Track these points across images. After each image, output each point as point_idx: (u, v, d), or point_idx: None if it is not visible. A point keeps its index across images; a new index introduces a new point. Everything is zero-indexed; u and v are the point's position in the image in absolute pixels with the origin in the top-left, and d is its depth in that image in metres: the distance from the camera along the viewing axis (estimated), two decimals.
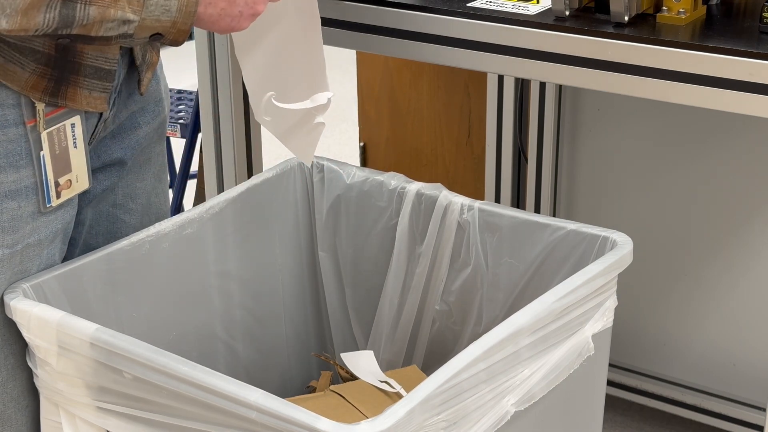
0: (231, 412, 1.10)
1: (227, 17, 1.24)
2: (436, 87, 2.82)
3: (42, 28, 1.13)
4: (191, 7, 1.20)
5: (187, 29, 1.22)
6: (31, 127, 1.25)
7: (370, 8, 1.64)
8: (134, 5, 1.17)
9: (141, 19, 1.17)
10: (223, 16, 1.24)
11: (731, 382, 2.31)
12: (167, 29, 1.20)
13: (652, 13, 1.53)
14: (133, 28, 1.18)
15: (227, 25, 1.25)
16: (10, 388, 1.31)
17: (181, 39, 1.23)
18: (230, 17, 1.24)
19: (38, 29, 1.13)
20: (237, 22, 1.25)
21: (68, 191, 1.31)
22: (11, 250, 1.27)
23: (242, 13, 1.25)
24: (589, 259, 1.40)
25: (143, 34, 1.19)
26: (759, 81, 1.39)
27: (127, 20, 1.17)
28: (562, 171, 2.43)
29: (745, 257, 2.23)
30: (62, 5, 1.12)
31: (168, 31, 1.21)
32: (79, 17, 1.14)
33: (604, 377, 1.44)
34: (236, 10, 1.24)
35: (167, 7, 1.18)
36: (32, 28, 1.13)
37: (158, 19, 1.19)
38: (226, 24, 1.25)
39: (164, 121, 1.51)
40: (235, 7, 1.24)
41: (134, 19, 1.17)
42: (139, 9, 1.17)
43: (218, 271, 1.53)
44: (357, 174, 1.59)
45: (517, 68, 1.57)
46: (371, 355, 1.52)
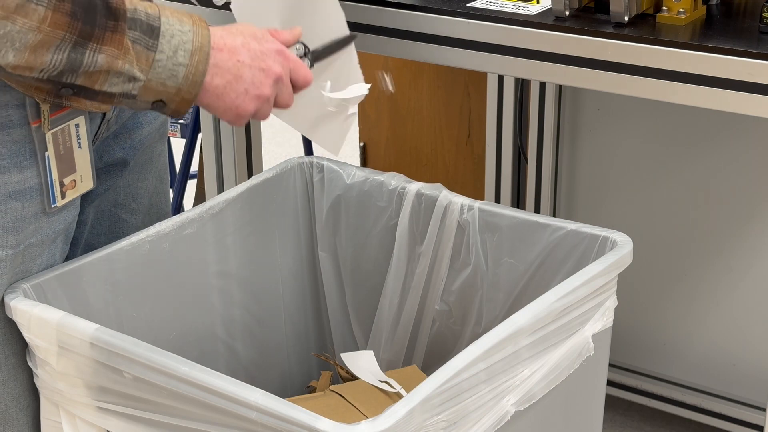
0: (231, 412, 1.11)
1: (232, 92, 1.23)
2: (436, 87, 2.82)
3: (48, 68, 1.12)
4: (198, 77, 1.19)
5: (191, 100, 1.21)
6: (36, 127, 1.25)
7: (370, 8, 1.64)
8: (142, 63, 1.16)
9: (147, 80, 1.17)
10: (228, 91, 1.23)
11: (731, 382, 2.31)
12: (171, 96, 1.19)
13: (652, 13, 1.53)
14: (138, 88, 1.17)
15: (232, 102, 1.24)
16: (11, 387, 1.31)
17: (182, 110, 1.21)
18: (235, 93, 1.23)
19: (44, 69, 1.12)
20: (242, 100, 1.24)
21: (73, 191, 1.31)
22: (14, 251, 1.27)
23: (248, 91, 1.24)
24: (589, 259, 1.40)
25: (146, 97, 1.18)
26: (759, 81, 1.39)
27: (133, 77, 1.16)
28: (562, 171, 2.43)
29: (745, 257, 2.23)
30: (72, 48, 1.11)
31: (171, 98, 1.20)
32: (87, 62, 1.13)
33: (604, 377, 1.44)
34: (242, 87, 1.23)
35: (175, 72, 1.18)
36: (38, 67, 1.12)
37: (164, 83, 1.18)
38: (231, 100, 1.24)
39: (166, 121, 1.51)
40: (241, 83, 1.23)
41: (141, 77, 1.16)
42: (146, 68, 1.16)
43: (218, 271, 1.53)
44: (357, 174, 1.59)
45: (517, 68, 1.57)
46: (371, 355, 1.52)
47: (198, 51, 1.19)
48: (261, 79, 1.25)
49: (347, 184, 1.59)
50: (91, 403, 1.24)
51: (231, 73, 1.22)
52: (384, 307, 1.61)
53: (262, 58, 1.25)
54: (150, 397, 1.18)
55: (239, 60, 1.23)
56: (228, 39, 1.23)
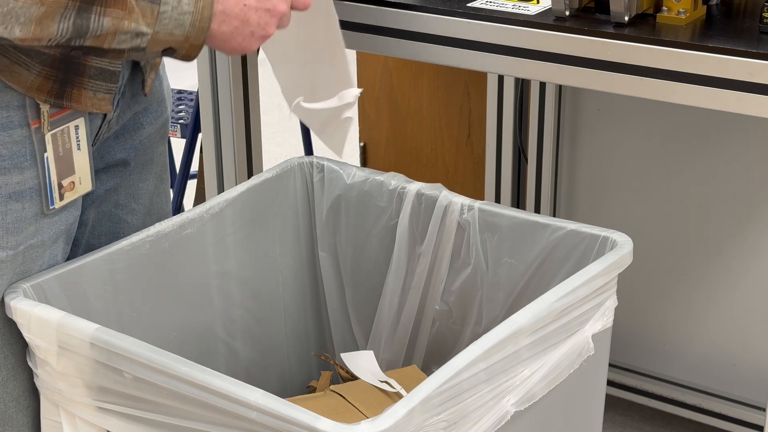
0: (231, 412, 1.11)
1: (239, 36, 1.24)
2: (436, 87, 2.82)
3: (55, 37, 1.13)
4: (205, 22, 1.20)
5: (200, 45, 1.22)
6: (36, 128, 1.25)
7: (370, 8, 1.64)
8: (148, 18, 1.16)
9: (154, 33, 1.17)
10: (235, 35, 1.24)
11: (731, 382, 2.31)
12: (180, 44, 1.20)
13: (652, 13, 1.53)
14: (146, 41, 1.18)
15: (238, 45, 1.25)
16: (11, 387, 1.31)
17: (193, 54, 1.23)
18: (242, 36, 1.25)
19: (51, 39, 1.13)
20: (248, 42, 1.26)
21: (71, 193, 1.31)
22: (14, 252, 1.27)
23: (253, 33, 1.25)
24: (589, 259, 1.40)
25: (156, 47, 1.19)
26: (759, 81, 1.39)
27: (140, 33, 1.16)
28: (562, 171, 2.43)
29: (745, 257, 2.23)
30: (76, 15, 1.12)
31: (181, 45, 1.21)
32: (93, 28, 1.14)
33: (604, 377, 1.44)
34: (248, 30, 1.25)
35: (181, 21, 1.18)
36: (45, 38, 1.13)
37: (171, 33, 1.19)
38: (237, 43, 1.25)
39: (166, 121, 1.51)
40: (247, 27, 1.24)
41: (147, 32, 1.17)
42: (152, 22, 1.17)
43: (218, 271, 1.53)
44: (357, 174, 1.59)
45: (517, 68, 1.57)
46: (371, 355, 1.52)
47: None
48: (266, 20, 1.26)
49: (347, 184, 1.59)
50: (91, 403, 1.24)
51: (238, 19, 1.23)
52: (384, 307, 1.61)
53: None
54: (150, 397, 1.18)
55: (245, 4, 1.24)
56: None
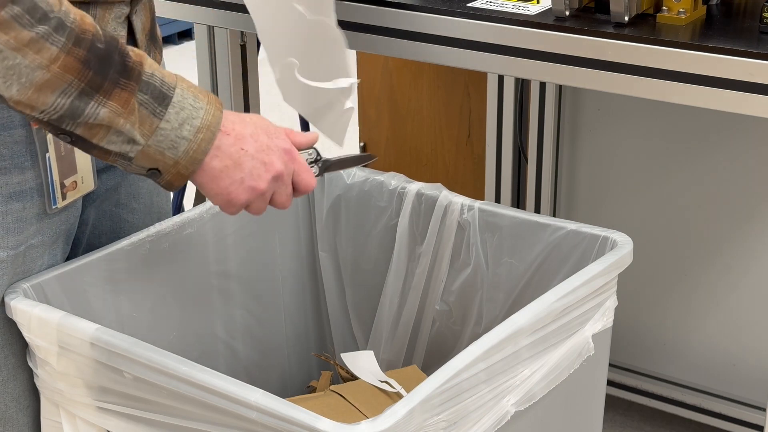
0: (231, 412, 1.11)
1: (227, 178, 1.21)
2: (436, 87, 2.82)
3: (48, 111, 1.10)
4: (199, 155, 1.17)
5: (187, 175, 1.19)
6: (37, 128, 1.25)
7: (370, 8, 1.64)
8: (145, 128, 1.14)
9: (146, 145, 1.15)
10: (224, 176, 1.20)
11: (731, 382, 2.31)
12: (167, 168, 1.17)
13: (652, 13, 1.53)
14: (135, 151, 1.15)
15: (224, 189, 1.21)
16: (11, 387, 1.31)
17: (176, 184, 1.19)
18: (230, 179, 1.21)
19: (45, 111, 1.10)
20: (235, 188, 1.22)
21: (74, 192, 1.31)
22: (15, 252, 1.27)
23: (243, 180, 1.21)
24: (589, 259, 1.40)
25: (142, 162, 1.16)
26: (759, 81, 1.39)
27: (132, 139, 1.14)
28: (562, 171, 2.43)
29: (744, 257, 2.23)
30: (77, 96, 1.10)
31: (168, 170, 1.18)
32: (88, 113, 1.11)
33: (604, 377, 1.44)
34: (239, 175, 1.21)
35: (176, 144, 1.16)
36: (39, 107, 1.10)
37: (162, 152, 1.16)
38: (224, 187, 1.21)
39: None
40: (239, 171, 1.21)
41: (140, 141, 1.14)
42: (148, 134, 1.14)
43: (218, 271, 1.53)
44: (357, 174, 1.59)
45: (517, 68, 1.57)
46: (371, 355, 1.52)
47: (205, 129, 1.17)
48: (260, 173, 1.22)
49: (347, 184, 1.59)
50: (91, 403, 1.24)
51: (231, 159, 1.20)
52: (384, 307, 1.61)
53: (266, 152, 1.22)
54: (150, 397, 1.18)
55: (243, 148, 1.20)
56: (238, 126, 1.21)
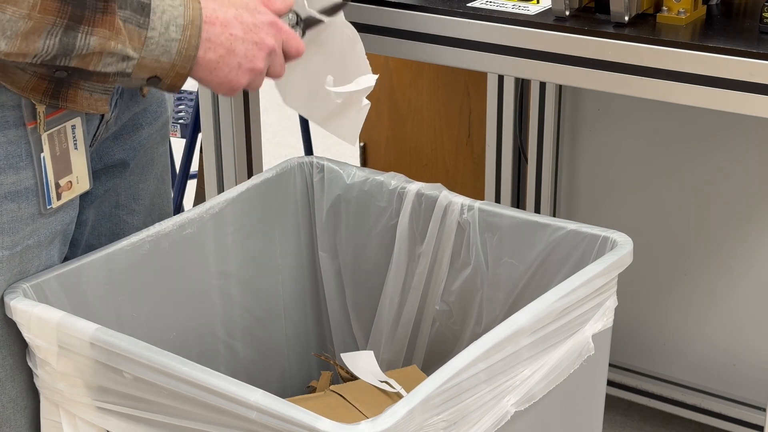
0: (231, 412, 1.11)
1: (225, 66, 1.23)
2: (436, 87, 2.82)
3: (41, 54, 1.12)
4: (191, 51, 1.19)
5: (186, 74, 1.21)
6: (32, 128, 1.25)
7: (370, 8, 1.64)
8: (135, 42, 1.16)
9: (140, 58, 1.17)
10: (221, 65, 1.23)
11: (731, 382, 2.31)
12: (166, 72, 1.20)
13: (652, 13, 1.53)
14: (132, 66, 1.17)
15: (224, 77, 1.24)
16: (9, 388, 1.31)
17: (178, 84, 1.22)
18: (228, 67, 1.23)
19: (37, 55, 1.12)
20: (234, 74, 1.24)
21: (69, 193, 1.31)
22: (11, 252, 1.27)
23: (240, 65, 1.24)
24: (589, 259, 1.40)
25: (141, 74, 1.19)
26: (759, 81, 1.39)
27: (126, 56, 1.16)
28: (562, 171, 2.43)
29: (745, 257, 2.23)
30: (63, 33, 1.12)
31: (166, 74, 1.20)
32: (79, 46, 1.13)
33: (604, 377, 1.44)
34: (235, 60, 1.23)
35: (167, 48, 1.18)
36: (31, 53, 1.12)
37: (158, 59, 1.18)
38: (224, 75, 1.24)
39: (167, 122, 1.51)
40: (234, 57, 1.23)
41: (134, 56, 1.16)
42: (139, 47, 1.16)
43: (218, 271, 1.53)
44: (357, 174, 1.59)
45: (517, 68, 1.57)
46: (371, 355, 1.52)
47: (190, 25, 1.19)
48: (254, 53, 1.25)
49: (347, 184, 1.59)
50: (91, 403, 1.24)
51: (224, 48, 1.22)
52: (384, 307, 1.61)
53: (255, 31, 1.25)
54: (150, 397, 1.18)
55: (232, 33, 1.23)
56: (220, 12, 1.23)
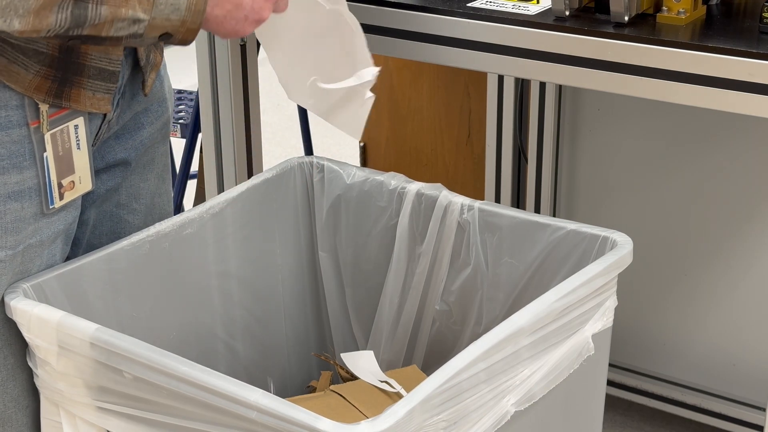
0: (231, 412, 1.11)
1: (232, 20, 1.25)
2: (436, 87, 2.82)
3: (54, 28, 1.13)
4: (200, 5, 1.21)
5: (197, 28, 1.22)
6: (35, 128, 1.25)
7: (370, 8, 1.64)
8: (144, 4, 1.17)
9: (151, 18, 1.18)
10: (228, 19, 1.25)
11: (731, 382, 2.31)
12: (177, 28, 1.21)
13: (652, 13, 1.53)
14: (143, 27, 1.18)
15: (231, 29, 1.26)
16: (11, 387, 1.31)
17: (190, 38, 1.23)
18: (235, 20, 1.25)
19: (50, 30, 1.14)
20: (241, 25, 1.26)
21: (71, 192, 1.31)
22: (13, 251, 1.27)
23: (247, 17, 1.26)
24: (589, 259, 1.40)
25: (153, 33, 1.20)
26: (759, 81, 1.39)
27: (137, 19, 1.17)
28: (562, 171, 2.43)
29: (745, 257, 2.23)
30: (74, 5, 1.13)
31: (177, 30, 1.21)
32: (90, 17, 1.14)
33: (604, 377, 1.44)
34: (242, 13, 1.25)
35: (177, 6, 1.19)
36: (44, 29, 1.13)
37: (168, 18, 1.19)
38: (231, 27, 1.26)
39: (168, 121, 1.51)
40: (240, 10, 1.25)
41: (144, 18, 1.18)
42: (149, 8, 1.17)
43: (218, 271, 1.53)
44: (357, 174, 1.59)
45: (517, 68, 1.57)
46: (371, 355, 1.52)
47: None
48: (260, 4, 1.27)
49: (347, 184, 1.59)
50: (91, 403, 1.24)
51: (231, 3, 1.24)
52: (384, 307, 1.61)
53: None
54: (150, 397, 1.18)
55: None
56: None
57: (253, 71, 1.96)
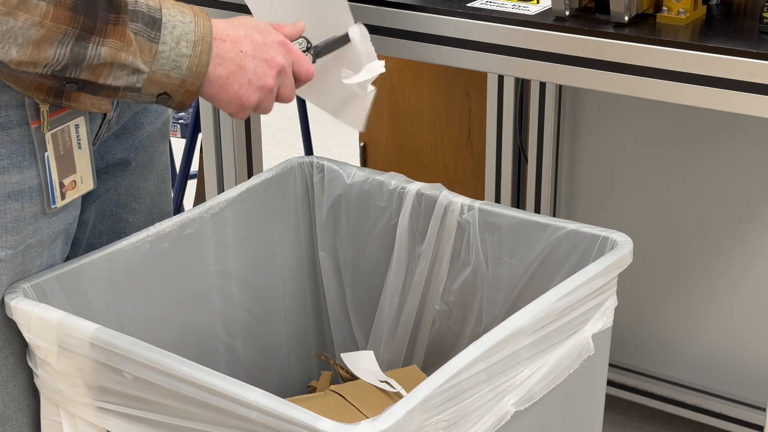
0: (231, 412, 1.11)
1: (236, 83, 1.24)
2: (436, 87, 2.82)
3: (51, 63, 1.12)
4: (202, 67, 1.20)
5: (196, 91, 1.21)
6: (35, 128, 1.25)
7: (370, 8, 1.64)
8: (146, 56, 1.16)
9: (151, 72, 1.17)
10: (231, 81, 1.23)
11: (731, 382, 2.31)
12: (176, 88, 1.20)
13: (652, 13, 1.53)
14: (142, 80, 1.17)
15: (235, 93, 1.25)
16: (11, 387, 1.31)
17: (188, 102, 1.22)
18: (239, 84, 1.24)
19: (48, 64, 1.12)
20: (245, 90, 1.25)
21: (73, 192, 1.31)
22: (14, 251, 1.27)
23: (251, 81, 1.25)
24: (589, 259, 1.40)
25: (151, 89, 1.19)
26: (759, 81, 1.39)
27: (137, 69, 1.16)
28: (562, 171, 2.43)
29: (745, 257, 2.23)
30: (75, 42, 1.12)
31: (176, 90, 1.20)
32: (90, 56, 1.13)
33: (604, 377, 1.44)
34: (245, 77, 1.24)
35: (178, 63, 1.18)
36: (42, 62, 1.12)
37: (168, 74, 1.18)
38: (234, 91, 1.24)
39: (167, 121, 1.51)
40: (244, 74, 1.24)
41: (144, 69, 1.17)
42: (150, 60, 1.17)
43: (218, 271, 1.53)
44: (357, 174, 1.59)
45: (517, 68, 1.57)
46: (371, 355, 1.52)
47: (200, 41, 1.20)
48: (264, 70, 1.25)
49: (347, 184, 1.59)
50: (91, 403, 1.24)
51: (234, 63, 1.23)
52: (384, 307, 1.61)
53: (265, 49, 1.26)
54: (150, 397, 1.18)
55: (242, 50, 1.24)
56: (230, 30, 1.24)
57: None
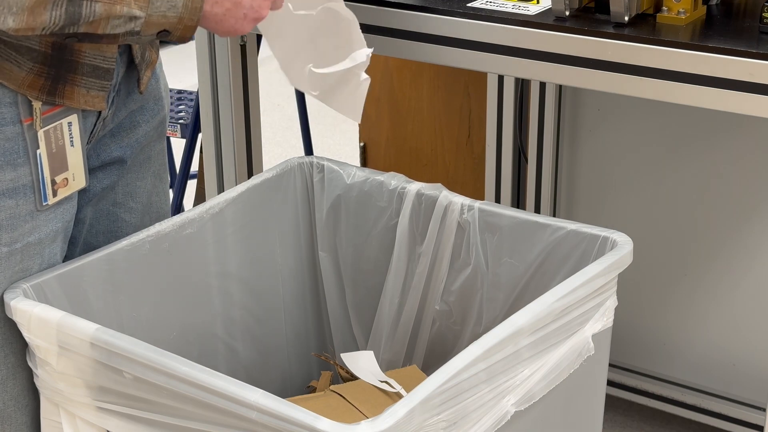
0: (231, 412, 1.11)
1: (231, 18, 1.26)
2: (436, 87, 2.82)
3: (49, 26, 1.14)
4: (197, 3, 1.21)
5: (194, 26, 1.23)
6: (28, 125, 1.25)
7: (370, 8, 1.64)
8: (140, 2, 1.17)
9: (147, 16, 1.18)
10: (227, 17, 1.25)
11: (731, 382, 2.31)
12: (174, 26, 1.21)
13: (652, 13, 1.53)
14: (140, 24, 1.18)
15: (230, 27, 1.27)
16: (10, 387, 1.31)
17: (188, 36, 1.24)
18: (234, 18, 1.26)
19: (45, 27, 1.14)
20: (240, 24, 1.27)
21: (65, 189, 1.32)
22: (10, 249, 1.27)
23: (246, 15, 1.26)
24: (589, 259, 1.40)
25: (150, 30, 1.20)
26: (759, 81, 1.39)
27: (133, 17, 1.17)
28: (562, 171, 2.43)
29: (745, 257, 2.23)
30: (68, 3, 1.13)
31: (175, 27, 1.21)
32: (85, 14, 1.14)
33: (604, 377, 1.44)
34: (241, 12, 1.26)
35: (173, 3, 1.19)
36: (39, 27, 1.13)
37: (164, 15, 1.19)
38: (230, 25, 1.26)
39: (164, 119, 1.51)
40: (240, 9, 1.25)
41: (140, 15, 1.18)
42: (145, 5, 1.18)
43: (218, 271, 1.53)
44: (357, 174, 1.59)
45: (517, 68, 1.57)
46: (371, 355, 1.52)
47: None
48: (259, 2, 1.27)
49: (347, 184, 1.59)
50: (91, 403, 1.24)
51: (230, 1, 1.25)
52: (384, 307, 1.61)
53: None
54: (150, 397, 1.18)
55: None
56: None
57: (253, 71, 1.96)
